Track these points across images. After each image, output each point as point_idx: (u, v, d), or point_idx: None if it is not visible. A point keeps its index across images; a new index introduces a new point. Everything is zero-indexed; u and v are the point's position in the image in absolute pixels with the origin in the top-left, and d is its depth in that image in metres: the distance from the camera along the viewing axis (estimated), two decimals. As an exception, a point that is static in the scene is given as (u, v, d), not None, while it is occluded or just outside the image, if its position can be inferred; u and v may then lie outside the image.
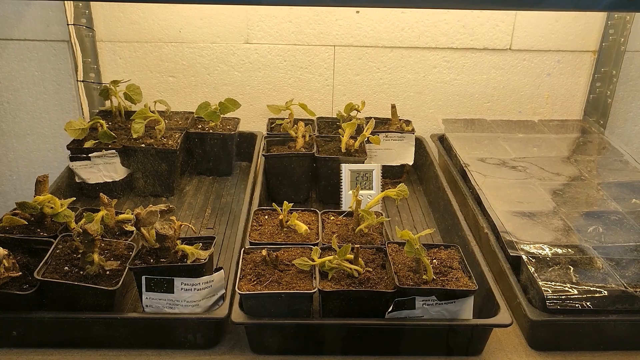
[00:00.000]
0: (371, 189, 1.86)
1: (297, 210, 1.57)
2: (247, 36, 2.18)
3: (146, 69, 2.22)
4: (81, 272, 1.30)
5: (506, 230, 1.52)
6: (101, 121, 1.93)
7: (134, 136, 1.91)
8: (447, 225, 1.76)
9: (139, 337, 1.32)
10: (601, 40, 2.19)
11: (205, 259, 1.31)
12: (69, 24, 2.07)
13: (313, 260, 1.33)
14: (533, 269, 1.37)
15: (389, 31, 2.18)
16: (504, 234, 1.51)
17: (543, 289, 1.30)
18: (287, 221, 1.49)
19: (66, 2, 2.04)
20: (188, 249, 1.32)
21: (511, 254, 1.43)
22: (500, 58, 2.23)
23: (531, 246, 1.46)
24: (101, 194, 1.48)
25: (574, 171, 1.86)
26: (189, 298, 1.30)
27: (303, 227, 1.43)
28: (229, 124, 2.14)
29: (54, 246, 1.37)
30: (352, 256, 1.32)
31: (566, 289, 1.31)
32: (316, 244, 1.42)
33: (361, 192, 1.85)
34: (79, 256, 1.33)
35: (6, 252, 1.25)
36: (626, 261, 1.40)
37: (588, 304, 1.29)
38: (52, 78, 2.21)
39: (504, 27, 2.18)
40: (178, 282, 1.30)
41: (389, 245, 1.41)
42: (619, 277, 1.34)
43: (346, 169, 1.85)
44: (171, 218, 1.37)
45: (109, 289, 1.26)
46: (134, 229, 1.44)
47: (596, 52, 2.22)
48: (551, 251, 1.43)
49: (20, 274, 1.28)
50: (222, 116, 2.04)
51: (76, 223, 1.48)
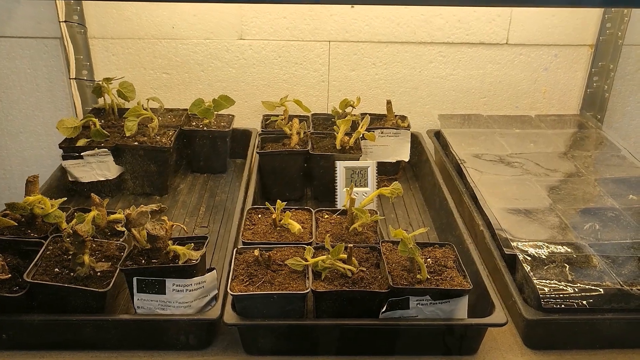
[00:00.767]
0: (366, 186, 1.84)
1: (291, 208, 1.56)
2: (241, 32, 2.16)
3: (139, 65, 2.20)
4: (72, 274, 1.29)
5: (501, 228, 1.51)
6: (94, 119, 1.92)
7: (127, 134, 1.89)
8: (442, 223, 1.75)
9: (131, 339, 1.30)
10: (598, 34, 2.17)
11: (197, 260, 1.30)
12: (60, 22, 2.05)
13: (306, 260, 1.31)
14: (528, 267, 1.36)
15: (384, 26, 2.16)
16: (499, 231, 1.50)
17: (538, 287, 1.29)
18: (280, 220, 1.47)
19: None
20: (180, 249, 1.31)
21: (506, 252, 1.41)
22: (497, 53, 2.21)
23: (527, 244, 1.44)
24: (92, 194, 1.46)
25: (570, 167, 1.84)
26: (181, 299, 1.29)
27: (296, 227, 1.42)
28: (223, 120, 2.13)
29: (44, 247, 1.35)
30: (346, 256, 1.31)
31: (562, 287, 1.30)
32: (309, 244, 1.41)
33: (356, 189, 1.83)
34: (70, 257, 1.32)
35: (-5, 254, 1.24)
36: (622, 259, 1.39)
37: (584, 302, 1.28)
38: (45, 75, 2.19)
39: (500, 22, 2.16)
40: (170, 283, 1.29)
41: (383, 244, 1.40)
42: (615, 275, 1.33)
43: (341, 166, 1.84)
44: (163, 218, 1.36)
45: (100, 290, 1.25)
46: (129, 216, 1.42)
47: (593, 46, 2.20)
48: (547, 249, 1.42)
49: (10, 276, 1.26)
50: (216, 113, 2.02)
51: (67, 223, 1.47)
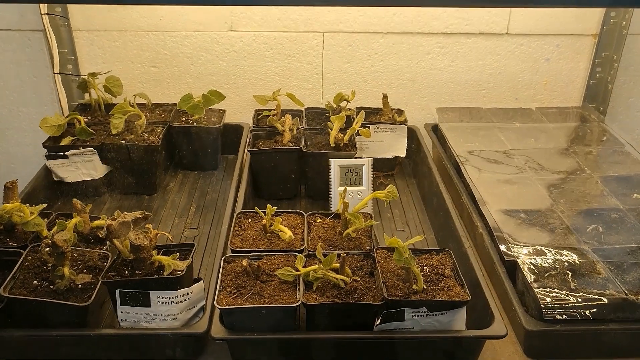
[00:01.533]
0: (361, 184, 1.78)
1: (282, 212, 1.50)
2: (231, 23, 2.08)
3: (126, 59, 2.12)
4: (51, 287, 1.23)
5: (501, 231, 1.45)
6: (78, 117, 1.85)
7: (114, 132, 1.83)
8: (440, 223, 1.69)
9: (115, 353, 1.25)
10: (602, 23, 2.09)
11: (182, 271, 1.24)
12: (42, 14, 1.97)
13: (297, 270, 1.26)
14: (529, 275, 1.30)
15: (379, 16, 2.08)
16: (498, 235, 1.44)
17: (539, 297, 1.23)
18: (270, 226, 1.41)
19: (39, -10, 1.94)
20: (165, 259, 1.25)
21: (507, 258, 1.36)
22: (497, 43, 2.14)
23: (527, 249, 1.38)
24: (74, 199, 1.40)
25: (572, 164, 1.78)
26: (166, 312, 1.24)
27: (287, 234, 1.36)
28: (213, 115, 2.06)
29: (22, 258, 1.29)
30: (338, 265, 1.25)
31: (564, 296, 1.25)
32: (301, 251, 1.35)
33: (351, 188, 1.77)
34: (50, 268, 1.26)
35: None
36: (627, 265, 1.33)
37: (587, 312, 1.22)
38: (29, 70, 2.11)
39: (500, 11, 2.08)
40: (154, 295, 1.23)
41: (377, 252, 1.34)
42: (620, 284, 1.27)
43: (335, 165, 1.77)
44: (147, 226, 1.30)
45: (80, 305, 1.19)
46: (110, 226, 1.36)
47: (597, 36, 2.12)
48: (548, 255, 1.36)
49: (-13, 289, 1.21)
50: (206, 108, 1.95)
51: (49, 229, 1.41)
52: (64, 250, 1.22)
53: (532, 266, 1.33)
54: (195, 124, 1.99)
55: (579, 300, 1.24)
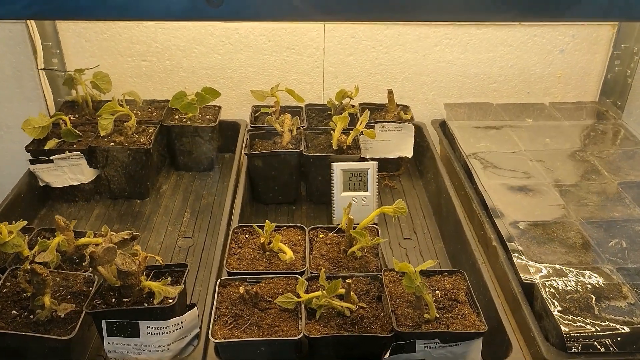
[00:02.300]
0: (366, 190, 1.68)
1: (282, 227, 1.39)
2: (227, 14, 1.94)
3: (116, 52, 2.00)
4: (32, 316, 1.13)
5: (517, 247, 1.35)
6: (64, 117, 1.73)
7: (102, 134, 1.71)
8: (450, 234, 1.59)
9: (102, 387, 1.16)
10: (621, 12, 1.96)
11: (174, 299, 1.14)
12: (23, 5, 1.83)
13: (298, 297, 1.16)
14: (549, 299, 1.20)
15: (384, 6, 1.94)
16: (514, 250, 1.33)
17: (561, 326, 1.14)
18: (269, 243, 1.31)
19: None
20: (155, 286, 1.15)
21: (525, 280, 1.25)
22: (509, 34, 2.01)
23: (546, 268, 1.28)
24: (57, 216, 1.29)
25: (590, 168, 1.67)
26: (157, 342, 1.14)
27: (288, 254, 1.25)
28: (208, 113, 1.94)
29: (0, 283, 1.19)
30: (344, 291, 1.15)
31: (588, 325, 1.15)
32: (302, 273, 1.25)
33: (355, 193, 1.67)
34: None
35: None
36: (655, 287, 1.24)
37: (612, 343, 1.13)
38: (11, 64, 1.98)
39: None
40: (144, 325, 1.14)
41: (385, 274, 1.24)
42: (648, 309, 1.18)
43: (338, 169, 1.67)
44: (135, 248, 1.20)
45: (62, 338, 1.10)
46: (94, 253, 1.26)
47: (616, 26, 1.99)
48: (569, 276, 1.26)
49: (-39, 321, 1.11)
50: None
51: (31, 247, 1.31)
52: (44, 277, 1.12)
53: (552, 289, 1.23)
54: (189, 122, 1.87)
55: (604, 329, 1.14)
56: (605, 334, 1.14)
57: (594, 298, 1.21)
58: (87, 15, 0.74)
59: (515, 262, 1.30)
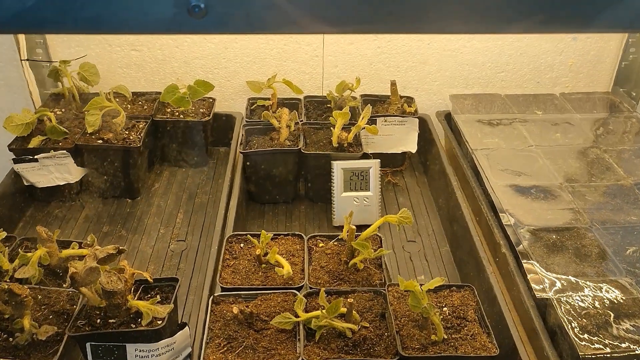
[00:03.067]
0: (368, 189, 1.60)
1: (279, 235, 1.31)
2: (220, 0, 1.83)
3: (104, 41, 1.89)
4: (10, 339, 1.06)
5: (529, 259, 1.27)
6: (48, 113, 1.64)
7: (89, 130, 1.62)
8: (457, 237, 1.51)
9: (89, 412, 1.09)
10: (638, -3, 1.85)
11: (163, 320, 1.06)
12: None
13: (296, 316, 1.08)
14: (564, 317, 1.13)
15: (387, -9, 1.83)
16: (527, 264, 1.26)
17: (578, 349, 1.06)
18: (265, 254, 1.23)
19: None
20: (143, 306, 1.07)
21: (538, 295, 1.18)
22: (518, 21, 1.90)
23: (560, 282, 1.21)
24: (38, 227, 1.21)
25: (604, 167, 1.58)
26: (146, 366, 1.07)
27: (285, 268, 1.17)
28: (202, 106, 1.85)
29: (-22, 303, 1.11)
30: (345, 310, 1.08)
31: (606, 346, 1.07)
32: (300, 288, 1.17)
33: (356, 193, 1.59)
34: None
35: None
36: (677, 302, 1.16)
37: (633, 365, 1.06)
38: (-7, 54, 1.88)
39: (523, -15, 1.83)
40: (131, 348, 1.06)
41: (389, 289, 1.16)
42: (670, 328, 1.10)
43: (338, 168, 1.58)
44: (122, 263, 1.12)
45: (44, 365, 1.03)
46: (75, 275, 1.18)
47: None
48: (585, 290, 1.19)
49: None
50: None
51: (12, 260, 1.23)
52: (23, 299, 1.04)
53: (567, 305, 1.15)
54: (181, 116, 1.78)
55: (624, 350, 1.07)
56: (624, 355, 1.06)
57: (612, 315, 1.13)
58: (54, 28, 0.65)
59: (528, 276, 1.22)
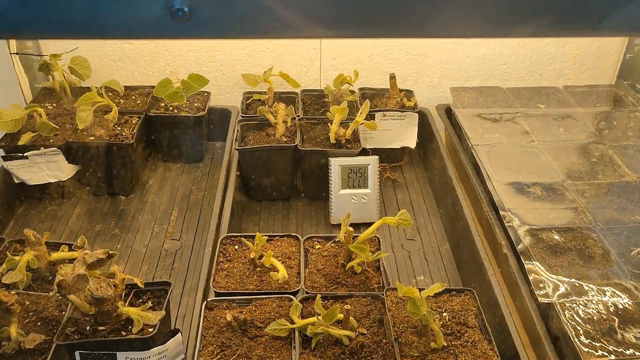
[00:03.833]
0: (366, 187, 1.56)
1: (274, 237, 1.28)
2: (215, -9, 1.78)
3: (95, 33, 1.84)
4: (-2, 348, 1.03)
5: (532, 261, 1.23)
6: (39, 109, 1.60)
7: (80, 127, 1.58)
8: (457, 236, 1.47)
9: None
10: (644, -13, 1.80)
11: (155, 326, 1.03)
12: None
13: (292, 322, 1.05)
14: (568, 323, 1.10)
15: (386, -18, 1.78)
16: (529, 266, 1.22)
17: (583, 357, 1.03)
18: (260, 257, 1.19)
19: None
20: (133, 312, 1.04)
21: (540, 300, 1.15)
22: (521, 11, 1.85)
23: (564, 285, 1.17)
24: (26, 230, 1.17)
25: (608, 163, 1.54)
26: (137, 374, 1.04)
27: (280, 272, 1.14)
28: (197, 100, 1.80)
29: (-36, 310, 1.08)
30: (342, 316, 1.04)
31: (610, 353, 1.04)
32: (296, 293, 1.14)
33: (355, 191, 1.56)
34: (-3, 323, 1.05)
35: None
36: (683, 306, 1.13)
37: (638, 372, 1.03)
38: (-18, 48, 1.84)
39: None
40: (122, 356, 1.03)
41: (387, 294, 1.13)
42: (677, 334, 1.07)
43: (336, 165, 1.54)
44: (112, 268, 1.08)
45: (31, 375, 1.00)
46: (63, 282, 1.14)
47: (637, 3, 1.84)
48: (589, 294, 1.15)
49: None
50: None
51: (0, 263, 1.20)
52: (9, 307, 1.01)
53: (571, 310, 1.12)
54: (175, 111, 1.74)
55: (630, 358, 1.04)
56: (629, 362, 1.03)
57: (616, 320, 1.10)
58: (30, 33, 0.61)
59: (531, 279, 1.18)
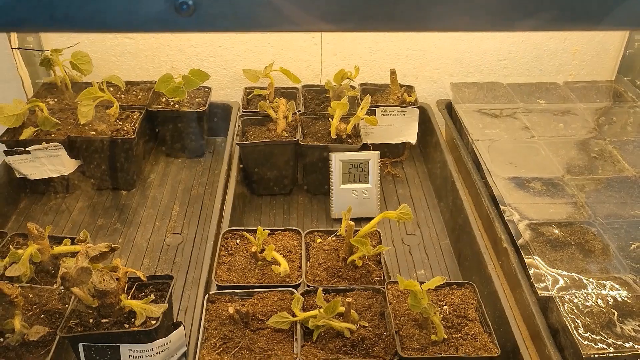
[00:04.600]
0: (367, 182, 1.57)
1: (275, 231, 1.29)
2: (216, -13, 1.79)
3: (96, 28, 1.84)
4: (1, 340, 1.04)
5: (531, 255, 1.24)
6: (40, 104, 1.60)
7: (82, 122, 1.58)
8: (458, 230, 1.48)
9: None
10: (644, -17, 1.81)
11: (157, 320, 1.04)
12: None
13: (294, 315, 1.06)
14: (567, 316, 1.10)
15: (387, -23, 1.79)
16: (529, 260, 1.23)
17: (581, 349, 1.04)
18: (262, 251, 1.20)
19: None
20: (136, 305, 1.05)
21: (540, 293, 1.15)
22: (521, 7, 1.85)
23: (563, 279, 1.18)
24: (29, 223, 1.18)
25: (609, 160, 1.55)
26: (140, 366, 1.05)
27: (282, 266, 1.15)
28: (198, 95, 1.81)
29: (-32, 303, 1.09)
30: (343, 309, 1.05)
31: (609, 346, 1.05)
32: (297, 286, 1.15)
33: (355, 185, 1.56)
34: (0, 315, 1.06)
35: None
36: (682, 300, 1.14)
37: (637, 365, 1.04)
38: (-16, 42, 1.84)
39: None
40: (125, 349, 1.04)
41: (388, 287, 1.14)
42: (675, 327, 1.08)
43: (337, 159, 1.55)
44: (115, 261, 1.09)
45: (35, 366, 1.00)
46: (66, 274, 1.15)
47: None
48: (588, 287, 1.16)
49: None
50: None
51: (2, 257, 1.21)
52: (12, 299, 1.01)
53: (570, 304, 1.13)
54: (177, 106, 1.75)
55: (630, 350, 1.05)
56: (628, 355, 1.04)
57: (616, 314, 1.11)
58: (32, 27, 0.61)
59: (530, 273, 1.19)
